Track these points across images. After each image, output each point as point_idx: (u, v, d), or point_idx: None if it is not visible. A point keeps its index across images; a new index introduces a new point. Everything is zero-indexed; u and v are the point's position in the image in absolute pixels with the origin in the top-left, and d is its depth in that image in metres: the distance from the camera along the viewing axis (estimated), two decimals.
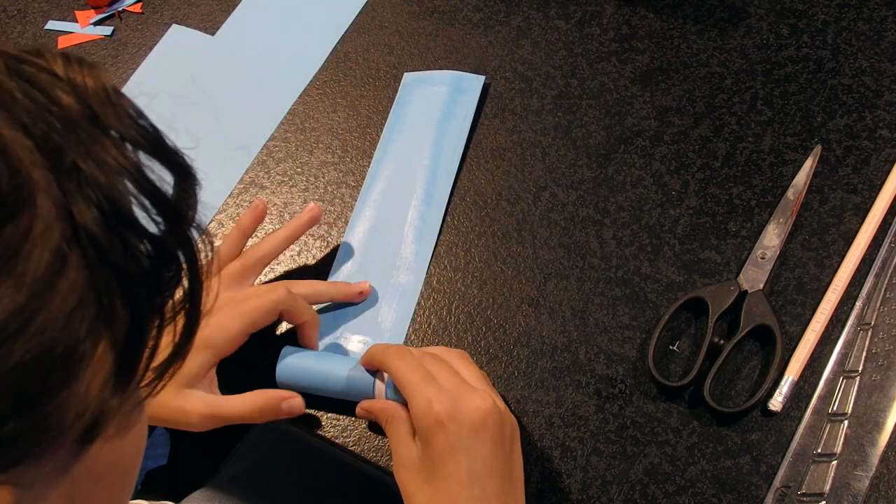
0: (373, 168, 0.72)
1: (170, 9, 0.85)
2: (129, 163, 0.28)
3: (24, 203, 0.25)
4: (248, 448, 0.81)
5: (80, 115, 0.27)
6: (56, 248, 0.25)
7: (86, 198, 0.26)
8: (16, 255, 0.24)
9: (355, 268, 0.67)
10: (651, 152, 0.69)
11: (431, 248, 0.67)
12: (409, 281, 0.66)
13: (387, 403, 0.55)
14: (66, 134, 0.26)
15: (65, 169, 0.26)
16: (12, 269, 0.24)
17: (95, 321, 0.26)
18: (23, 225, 0.24)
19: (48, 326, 0.25)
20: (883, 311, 0.60)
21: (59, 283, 0.25)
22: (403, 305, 0.65)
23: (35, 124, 0.26)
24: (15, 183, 0.24)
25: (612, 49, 0.76)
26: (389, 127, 0.74)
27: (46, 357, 0.25)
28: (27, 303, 0.24)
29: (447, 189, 0.70)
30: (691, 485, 0.56)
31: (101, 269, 0.26)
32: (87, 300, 0.26)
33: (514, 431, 0.53)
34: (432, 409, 0.50)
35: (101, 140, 0.27)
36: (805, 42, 0.73)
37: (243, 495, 0.76)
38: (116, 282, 0.27)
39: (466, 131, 0.72)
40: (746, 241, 0.64)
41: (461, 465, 0.49)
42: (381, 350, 0.56)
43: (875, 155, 0.67)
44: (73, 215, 0.26)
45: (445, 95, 0.74)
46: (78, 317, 0.26)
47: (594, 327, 0.62)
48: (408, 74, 0.77)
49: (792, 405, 0.58)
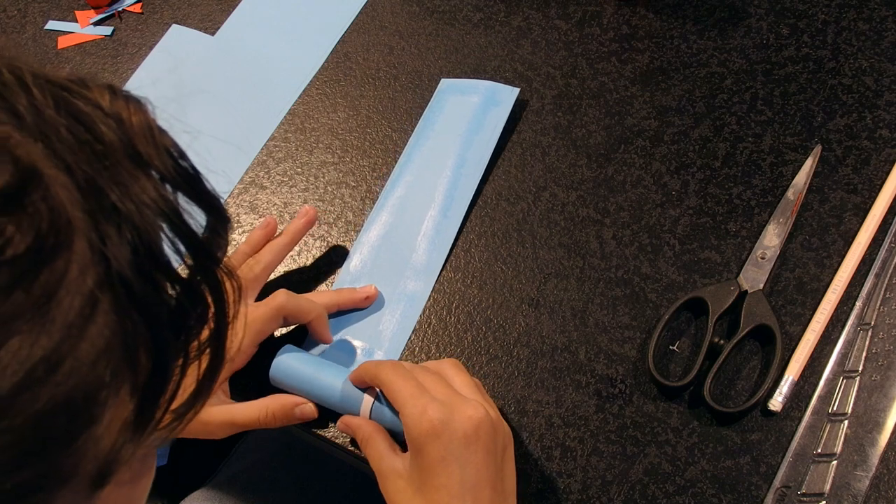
0: (395, 172, 0.71)
1: (170, 9, 0.85)
2: (168, 204, 0.27)
3: (62, 246, 0.24)
4: (248, 448, 0.81)
5: (123, 153, 0.26)
6: (89, 293, 0.24)
7: (122, 240, 0.25)
8: (49, 300, 0.23)
9: (364, 271, 0.67)
10: (651, 152, 0.69)
11: (443, 259, 0.67)
12: (416, 290, 0.65)
13: (363, 422, 0.55)
14: (107, 173, 0.26)
15: (104, 210, 0.25)
16: (45, 314, 0.23)
17: (120, 365, 0.26)
18: (58, 269, 0.24)
19: (74, 372, 0.24)
20: (883, 311, 0.60)
21: (89, 328, 0.24)
22: (408, 315, 0.65)
23: (77, 163, 0.25)
24: (54, 226, 0.24)
25: (612, 49, 0.76)
26: (418, 132, 0.73)
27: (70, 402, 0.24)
28: (56, 348, 0.23)
29: (466, 201, 0.68)
30: (691, 485, 0.56)
31: (130, 313, 0.26)
32: (113, 344, 0.25)
33: (508, 441, 0.53)
34: (425, 418, 0.49)
35: (141, 179, 0.26)
36: (805, 42, 0.73)
37: (243, 495, 0.76)
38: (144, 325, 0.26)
39: (493, 144, 0.70)
40: (746, 241, 0.64)
41: (453, 476, 0.48)
42: (373, 365, 0.55)
43: (875, 155, 0.67)
44: (108, 259, 0.25)
45: (477, 106, 0.73)
46: (104, 361, 0.25)
47: (594, 327, 0.62)
48: (444, 81, 0.76)
49: (792, 405, 0.58)
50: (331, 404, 0.58)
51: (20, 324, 0.23)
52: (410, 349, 0.64)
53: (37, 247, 0.23)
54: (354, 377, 0.57)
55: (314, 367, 0.59)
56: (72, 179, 0.25)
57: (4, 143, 0.24)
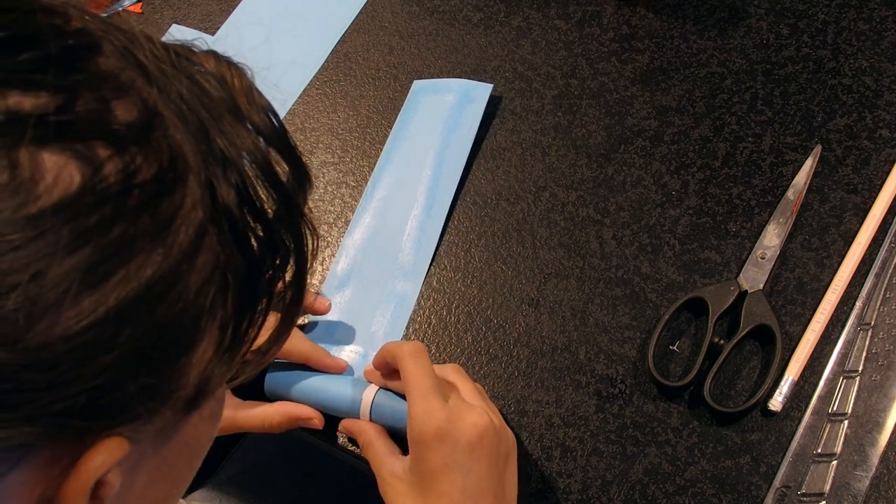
0: (375, 174, 0.71)
1: (170, 9, 0.85)
2: (262, 155, 0.31)
3: (179, 180, 0.27)
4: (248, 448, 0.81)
5: (226, 108, 0.30)
6: (200, 224, 0.28)
7: (227, 181, 0.29)
8: (168, 227, 0.27)
9: (352, 273, 0.67)
10: (651, 152, 0.69)
11: (429, 258, 0.67)
12: (405, 290, 0.66)
13: (364, 425, 0.55)
14: (214, 123, 0.29)
15: (213, 154, 0.29)
16: (164, 239, 0.26)
17: (218, 295, 0.29)
18: (176, 200, 0.27)
19: (183, 295, 0.27)
20: (883, 311, 0.60)
21: (198, 256, 0.28)
22: (398, 315, 0.65)
23: (190, 112, 0.28)
24: (173, 161, 0.27)
25: (612, 49, 0.76)
26: (394, 134, 0.73)
27: (177, 323, 0.27)
28: (172, 270, 0.27)
29: (448, 200, 0.69)
30: (691, 485, 0.56)
31: (230, 247, 0.29)
32: (215, 275, 0.28)
33: (511, 448, 0.53)
34: (432, 420, 0.49)
35: (240, 130, 0.30)
36: (805, 42, 0.73)
37: (243, 495, 0.76)
38: (241, 260, 0.30)
39: (471, 142, 0.71)
40: (746, 241, 0.64)
41: (455, 484, 0.48)
42: (396, 347, 0.55)
43: (875, 155, 0.67)
44: (216, 196, 0.28)
45: (452, 104, 0.73)
46: (206, 290, 0.28)
47: (594, 327, 0.62)
48: (417, 82, 0.76)
49: (792, 405, 0.58)
50: (329, 407, 0.58)
51: (145, 243, 0.26)
52: None
53: (160, 176, 0.26)
54: (378, 360, 0.57)
55: (308, 373, 0.59)
56: (185, 125, 0.28)
57: (132, 86, 0.27)
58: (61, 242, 0.24)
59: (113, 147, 0.26)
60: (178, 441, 0.33)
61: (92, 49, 0.27)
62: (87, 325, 0.25)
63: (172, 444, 0.32)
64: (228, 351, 0.31)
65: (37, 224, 0.24)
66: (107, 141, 0.26)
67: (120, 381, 0.26)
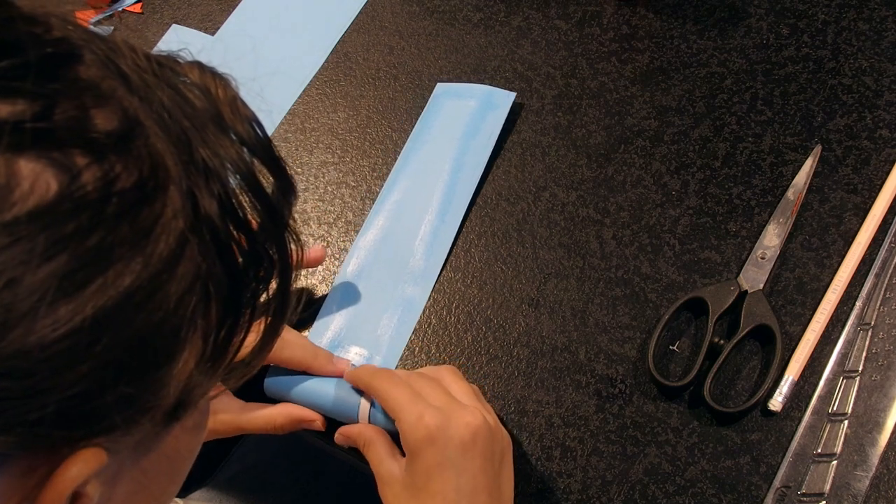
0: (392, 176, 0.71)
1: (170, 9, 0.85)
2: (246, 166, 0.31)
3: (159, 189, 0.27)
4: (248, 448, 0.81)
5: (209, 118, 0.30)
6: (180, 234, 0.27)
7: (209, 191, 0.29)
8: (147, 235, 0.27)
9: (362, 274, 0.67)
10: (651, 152, 0.69)
11: (441, 264, 0.66)
12: (414, 295, 0.65)
13: (363, 427, 0.55)
14: (196, 133, 0.29)
15: (195, 164, 0.28)
16: (143, 248, 0.26)
17: (199, 306, 0.29)
18: (156, 209, 0.27)
19: (163, 305, 0.27)
20: (883, 311, 0.60)
21: (178, 266, 0.27)
22: (405, 320, 0.64)
23: (172, 121, 0.28)
24: (154, 170, 0.27)
25: (612, 49, 0.76)
26: (414, 136, 0.73)
27: (157, 332, 0.27)
28: (151, 280, 0.26)
29: (464, 206, 0.68)
30: (691, 485, 0.56)
31: (211, 258, 0.29)
32: (195, 286, 0.28)
33: (506, 447, 0.52)
34: (421, 424, 0.49)
35: (224, 141, 0.30)
36: (805, 42, 0.73)
37: (243, 495, 0.76)
38: (222, 271, 0.29)
39: (490, 149, 0.70)
40: (746, 241, 0.64)
41: (448, 483, 0.48)
42: (367, 372, 0.55)
43: (875, 155, 0.67)
44: (198, 206, 0.28)
45: (473, 110, 0.72)
46: (187, 300, 0.28)
47: (594, 327, 0.62)
48: (440, 85, 0.75)
49: (792, 405, 0.58)
50: (328, 411, 0.58)
51: (124, 251, 0.26)
52: (410, 349, 0.64)
53: (140, 185, 0.26)
54: (350, 377, 0.57)
55: (308, 376, 0.59)
56: (167, 134, 0.28)
57: (113, 94, 0.27)
58: (37, 250, 0.24)
59: (91, 155, 0.26)
60: (159, 453, 0.32)
61: (72, 58, 0.27)
62: (64, 333, 0.24)
63: (153, 455, 0.32)
64: (211, 362, 0.31)
65: (11, 231, 0.23)
66: (85, 149, 0.26)
67: (97, 390, 0.26)
